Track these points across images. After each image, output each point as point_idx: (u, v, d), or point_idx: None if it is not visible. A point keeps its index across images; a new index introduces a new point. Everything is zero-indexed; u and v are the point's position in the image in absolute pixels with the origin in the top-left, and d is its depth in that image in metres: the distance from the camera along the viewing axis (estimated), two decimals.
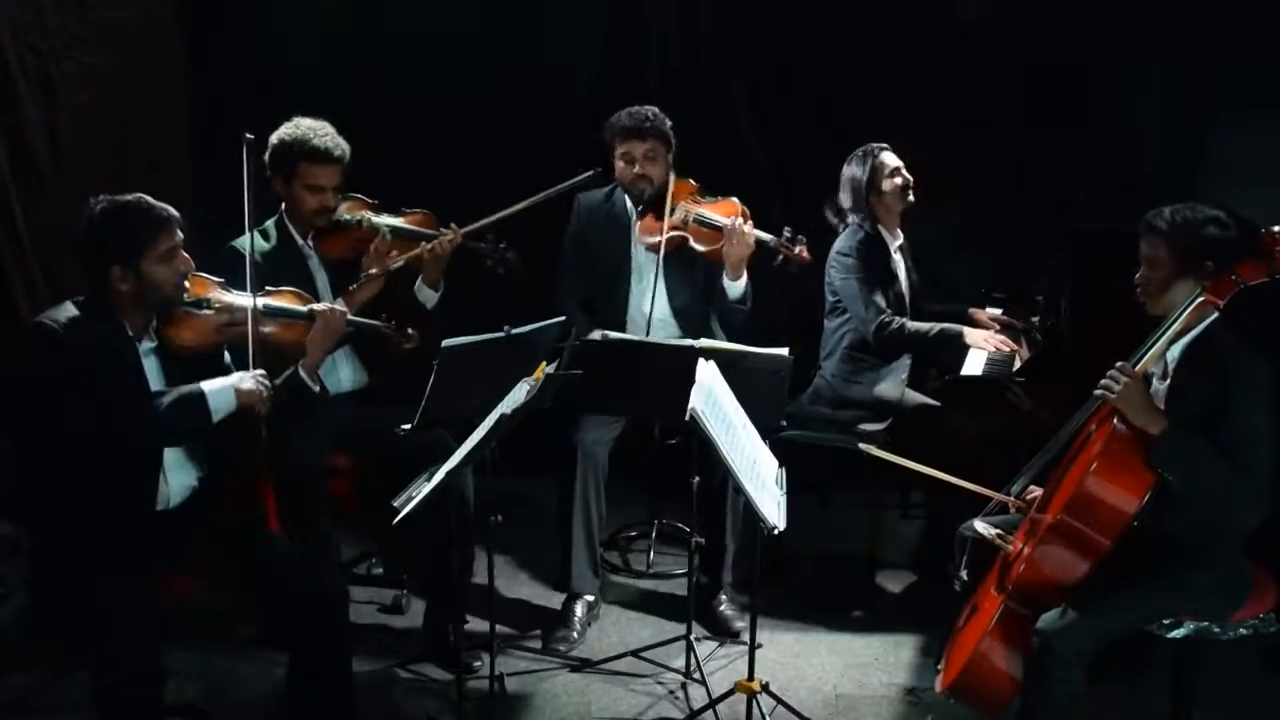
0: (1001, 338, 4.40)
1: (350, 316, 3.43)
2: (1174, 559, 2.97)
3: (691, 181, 4.18)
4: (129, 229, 2.96)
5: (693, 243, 4.08)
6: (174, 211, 3.03)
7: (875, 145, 4.35)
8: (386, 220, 3.86)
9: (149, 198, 3.02)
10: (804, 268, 4.04)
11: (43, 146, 4.22)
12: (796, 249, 3.99)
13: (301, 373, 3.28)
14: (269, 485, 3.59)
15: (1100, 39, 5.03)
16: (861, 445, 3.38)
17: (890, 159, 4.33)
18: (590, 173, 4.09)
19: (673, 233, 4.06)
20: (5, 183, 4.04)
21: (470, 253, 3.90)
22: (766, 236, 4.01)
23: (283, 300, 3.38)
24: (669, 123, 4.16)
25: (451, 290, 3.93)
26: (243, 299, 3.21)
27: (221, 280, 3.27)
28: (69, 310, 2.95)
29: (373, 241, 3.80)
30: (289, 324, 3.34)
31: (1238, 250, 2.97)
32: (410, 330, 3.60)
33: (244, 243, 3.69)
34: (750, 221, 4.02)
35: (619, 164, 4.18)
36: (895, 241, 4.43)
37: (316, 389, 3.32)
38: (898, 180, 4.32)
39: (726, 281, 4.09)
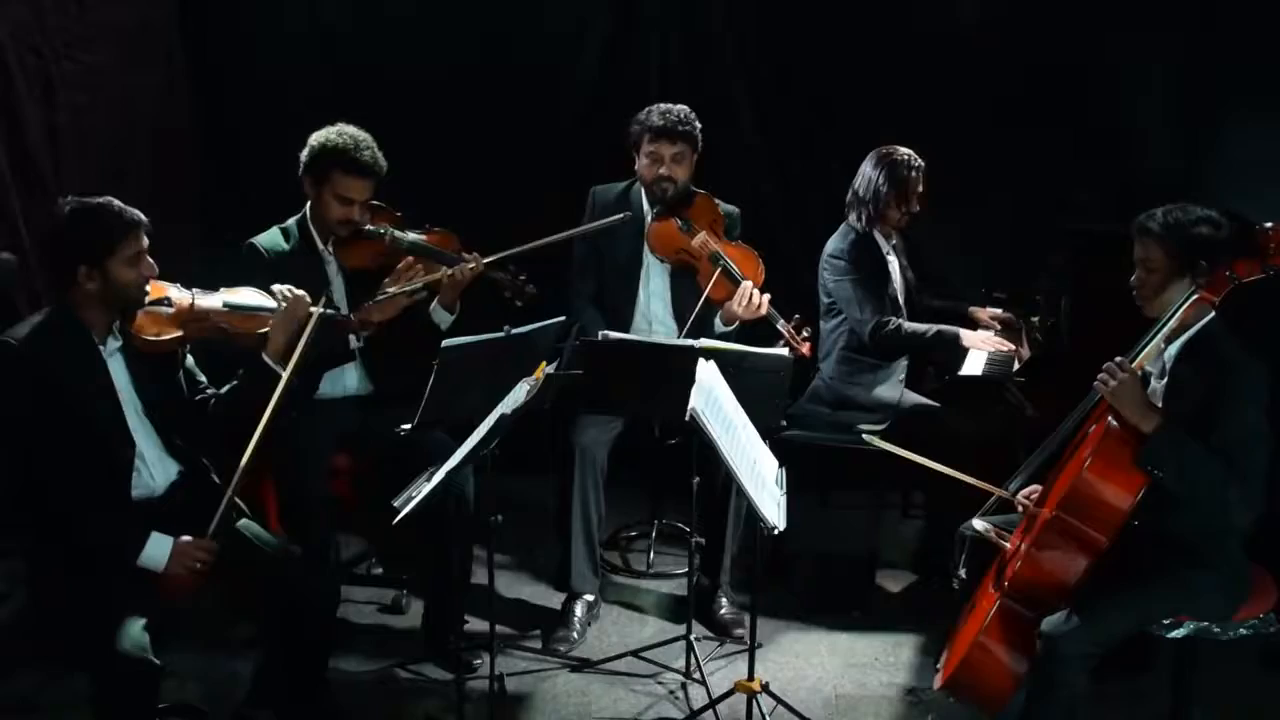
0: (999, 340, 4.37)
1: (318, 310, 3.29)
2: (1175, 559, 2.98)
3: (715, 200, 4.12)
4: (99, 229, 2.97)
5: (700, 278, 4.01)
6: (143, 216, 3.05)
7: (912, 160, 4.23)
8: (410, 236, 3.79)
9: (118, 201, 3.04)
10: (802, 360, 3.92)
11: (43, 146, 4.21)
12: (802, 340, 3.88)
13: (265, 357, 3.20)
14: (269, 485, 3.60)
15: (1100, 39, 5.02)
16: (865, 435, 3.36)
17: (920, 183, 4.25)
18: (621, 216, 4.03)
19: (685, 256, 4.03)
20: (5, 183, 4.04)
21: (489, 282, 3.83)
22: (777, 318, 3.91)
23: (246, 297, 3.30)
24: (699, 125, 4.07)
25: (463, 310, 3.88)
26: (204, 297, 3.21)
27: (177, 284, 3.23)
28: (29, 323, 2.98)
29: (394, 256, 3.74)
30: (255, 317, 3.26)
31: (1231, 249, 2.97)
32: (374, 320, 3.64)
33: (263, 239, 3.69)
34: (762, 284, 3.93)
35: (643, 161, 4.10)
36: (888, 243, 4.41)
37: (283, 373, 3.17)
38: (916, 206, 4.28)
39: (718, 321, 4.05)
